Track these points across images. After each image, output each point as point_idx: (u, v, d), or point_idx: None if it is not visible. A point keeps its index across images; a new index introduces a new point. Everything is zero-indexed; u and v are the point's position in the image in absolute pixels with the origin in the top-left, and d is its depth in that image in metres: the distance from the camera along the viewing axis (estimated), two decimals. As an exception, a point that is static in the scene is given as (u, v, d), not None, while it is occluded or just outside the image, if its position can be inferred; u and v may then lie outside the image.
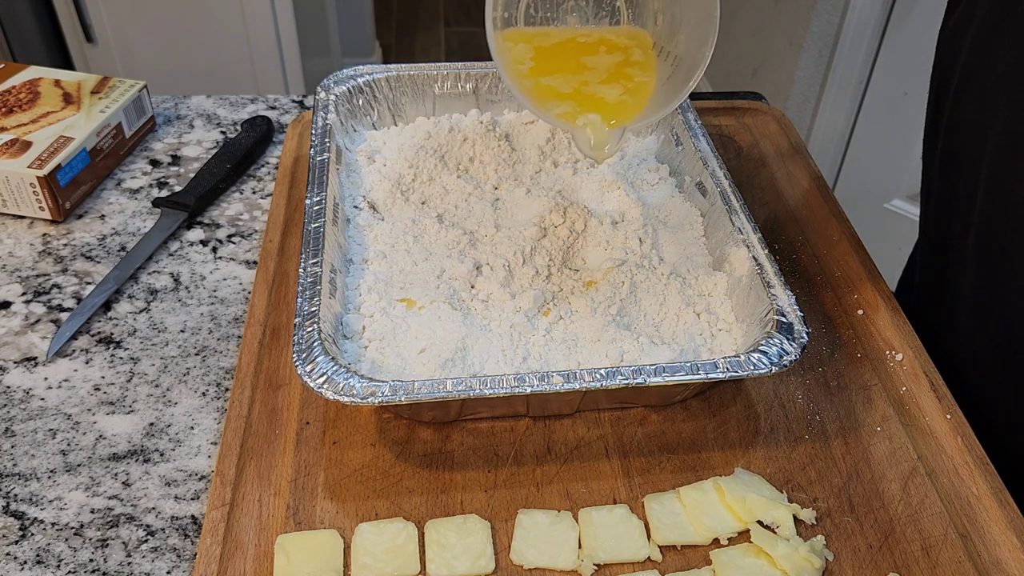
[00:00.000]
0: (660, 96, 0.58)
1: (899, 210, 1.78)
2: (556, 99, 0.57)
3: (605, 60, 0.58)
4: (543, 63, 0.59)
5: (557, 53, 0.60)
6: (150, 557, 0.51)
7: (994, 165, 0.59)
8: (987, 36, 0.60)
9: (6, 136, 0.74)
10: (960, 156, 0.64)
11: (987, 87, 0.60)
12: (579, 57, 0.59)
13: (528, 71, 0.58)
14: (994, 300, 0.62)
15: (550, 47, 0.60)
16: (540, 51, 0.59)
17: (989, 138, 0.59)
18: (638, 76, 0.58)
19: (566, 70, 0.58)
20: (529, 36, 0.60)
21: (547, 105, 0.57)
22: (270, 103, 0.90)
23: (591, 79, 0.57)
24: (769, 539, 0.50)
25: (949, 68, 0.65)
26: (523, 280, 0.61)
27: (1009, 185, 0.57)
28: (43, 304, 0.67)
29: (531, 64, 0.58)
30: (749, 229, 0.61)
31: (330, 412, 0.57)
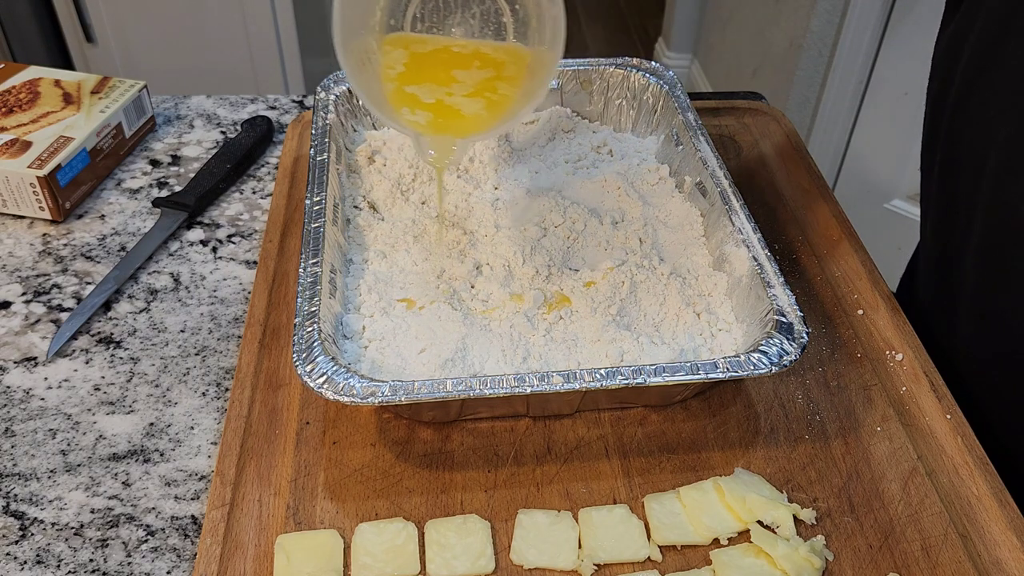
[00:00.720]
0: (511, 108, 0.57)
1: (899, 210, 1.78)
2: (414, 107, 0.56)
3: (475, 75, 0.58)
4: (414, 70, 0.58)
5: (430, 62, 0.59)
6: (150, 557, 0.51)
7: (996, 180, 0.58)
8: (987, 50, 0.59)
9: (6, 136, 0.74)
10: (960, 169, 0.64)
11: (988, 102, 0.59)
12: (451, 69, 0.59)
13: (396, 76, 0.58)
14: (995, 310, 0.61)
15: (425, 54, 0.59)
16: (414, 57, 0.59)
17: (990, 153, 0.59)
18: (503, 89, 0.58)
19: (434, 80, 0.58)
20: (408, 42, 0.59)
21: (402, 111, 0.56)
22: (270, 103, 0.90)
23: (456, 91, 0.57)
24: (769, 539, 0.49)
25: (947, 80, 0.64)
26: (523, 280, 0.61)
27: (1012, 201, 0.57)
28: (43, 304, 0.67)
29: (401, 70, 0.58)
30: (749, 229, 0.61)
31: (330, 412, 0.57)
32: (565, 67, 0.77)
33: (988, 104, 0.59)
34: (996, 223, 0.59)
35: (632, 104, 0.77)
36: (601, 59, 0.78)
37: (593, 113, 0.78)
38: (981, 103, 0.60)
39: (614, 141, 0.76)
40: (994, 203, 0.59)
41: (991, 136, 0.58)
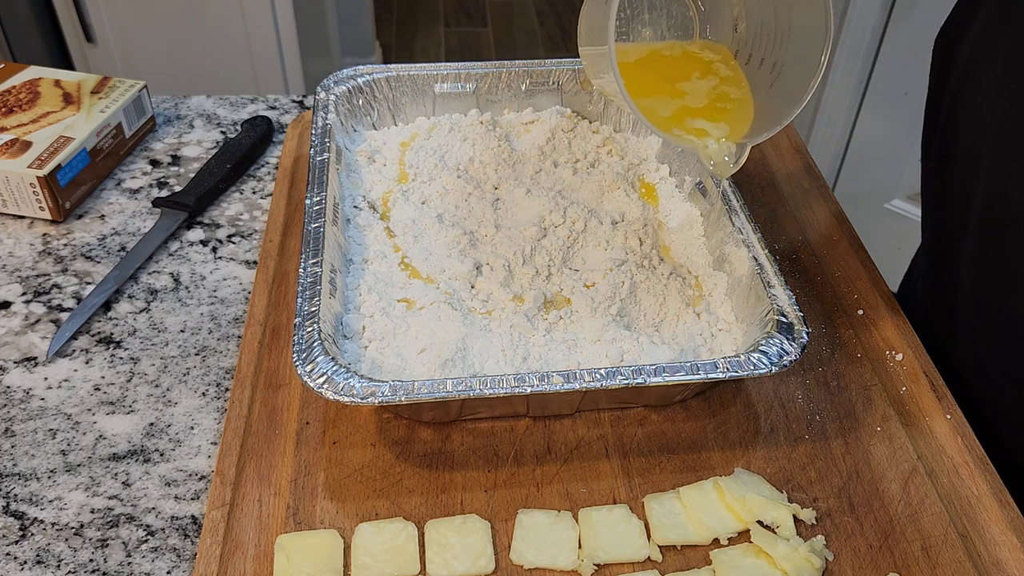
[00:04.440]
0: (770, 106, 0.56)
1: (899, 210, 1.78)
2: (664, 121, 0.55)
3: (700, 85, 0.57)
4: (634, 82, 0.56)
5: (645, 71, 0.58)
6: (150, 557, 0.51)
7: (991, 169, 0.59)
8: (983, 40, 0.59)
9: (6, 136, 0.74)
10: (957, 160, 0.64)
11: (982, 91, 0.60)
12: (672, 81, 0.57)
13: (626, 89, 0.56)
14: (993, 302, 0.62)
15: (634, 64, 0.58)
16: (625, 68, 0.57)
17: (986, 142, 0.59)
18: (734, 93, 0.57)
19: (662, 92, 0.56)
20: None
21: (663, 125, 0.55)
22: (270, 103, 0.90)
23: (691, 103, 0.56)
24: (769, 539, 0.50)
25: (945, 71, 0.65)
26: (523, 280, 0.61)
27: (1007, 189, 0.57)
28: (43, 304, 0.67)
29: (623, 82, 0.56)
30: (749, 229, 0.61)
31: (330, 412, 0.57)
32: (565, 67, 0.77)
33: (983, 93, 0.60)
34: (992, 210, 0.59)
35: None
36: (601, 59, 0.78)
37: (593, 113, 0.78)
38: (976, 92, 0.60)
39: (614, 141, 0.76)
40: (989, 190, 0.59)
41: (986, 124, 0.59)
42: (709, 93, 0.57)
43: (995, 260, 0.60)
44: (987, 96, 0.59)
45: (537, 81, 0.77)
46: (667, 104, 0.56)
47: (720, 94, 0.57)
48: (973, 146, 0.61)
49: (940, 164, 0.67)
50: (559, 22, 3.04)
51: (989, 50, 0.59)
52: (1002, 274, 0.60)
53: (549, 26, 3.01)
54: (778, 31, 0.57)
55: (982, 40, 0.60)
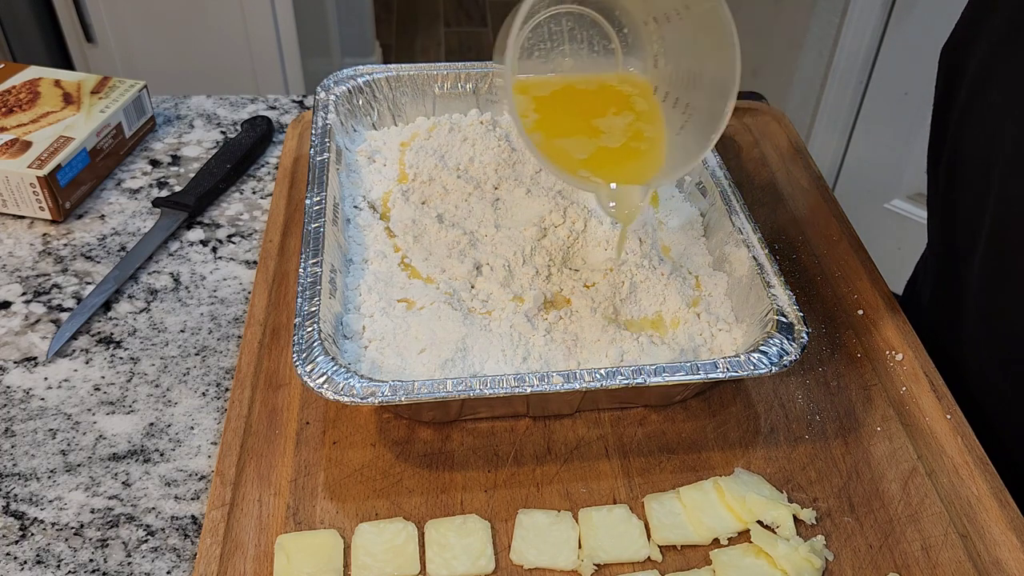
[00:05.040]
0: (678, 148, 0.55)
1: (899, 210, 1.78)
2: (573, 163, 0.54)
3: (616, 122, 0.56)
4: (549, 118, 0.56)
5: (561, 107, 0.57)
6: (150, 557, 0.51)
7: (1004, 183, 0.58)
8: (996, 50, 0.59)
9: (6, 136, 0.74)
10: (967, 172, 0.63)
11: (995, 102, 0.59)
12: (588, 117, 0.57)
13: (534, 124, 0.56)
14: (1002, 314, 0.61)
15: (550, 97, 0.57)
16: (541, 102, 0.57)
17: (998, 153, 0.58)
18: (648, 131, 0.56)
19: (578, 132, 0.56)
20: (526, 86, 0.58)
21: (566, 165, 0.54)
22: (270, 103, 0.90)
23: (605, 142, 0.55)
24: (769, 539, 0.50)
25: (953, 86, 0.64)
26: (523, 280, 0.61)
27: (1018, 207, 0.57)
28: (43, 304, 0.67)
29: (536, 117, 0.56)
30: (749, 229, 0.61)
31: (330, 412, 0.57)
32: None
33: (995, 104, 0.59)
34: (1003, 223, 0.59)
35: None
36: (601, 59, 0.78)
37: (593, 113, 0.78)
38: (988, 103, 0.60)
39: (614, 141, 0.76)
40: (1001, 203, 0.59)
41: (999, 136, 0.58)
42: (625, 130, 0.56)
43: (1005, 277, 0.60)
44: (999, 114, 0.58)
45: (537, 81, 0.77)
46: (581, 143, 0.55)
47: (635, 132, 0.56)
48: (984, 163, 0.60)
49: (949, 178, 0.66)
50: (559, 22, 3.03)
51: (1000, 67, 0.58)
52: (1012, 290, 0.60)
53: (549, 26, 3.01)
54: (692, 74, 0.56)
55: (992, 57, 0.59)
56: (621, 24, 0.58)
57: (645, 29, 0.57)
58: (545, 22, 0.57)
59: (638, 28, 0.57)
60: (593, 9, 0.58)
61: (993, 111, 0.59)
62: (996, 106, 0.59)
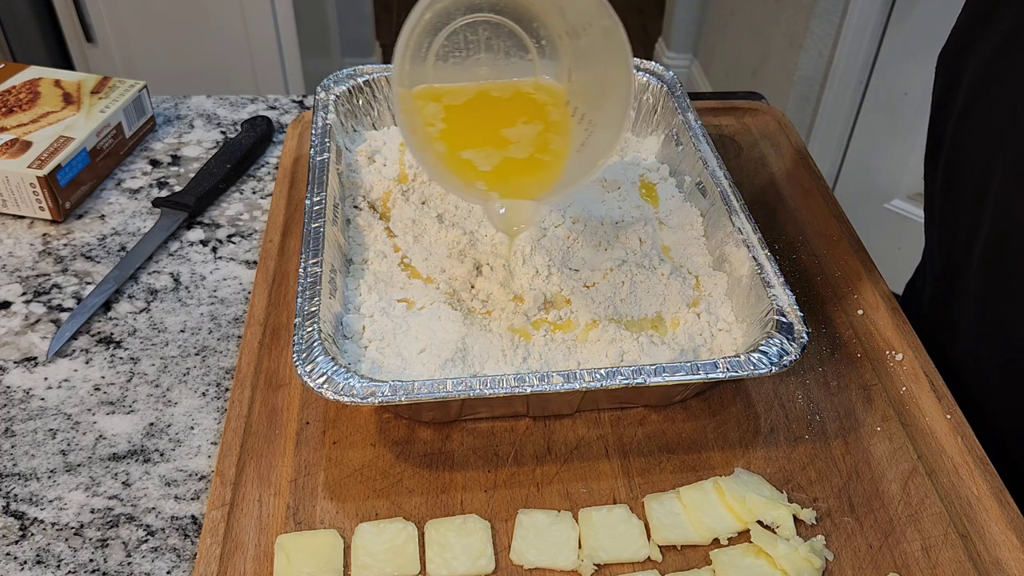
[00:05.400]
0: (575, 166, 0.55)
1: (899, 210, 1.78)
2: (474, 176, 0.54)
3: (525, 131, 0.55)
4: (456, 127, 0.56)
5: (471, 116, 0.57)
6: (150, 557, 0.51)
7: (1001, 194, 0.58)
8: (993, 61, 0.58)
9: (6, 136, 0.74)
10: (964, 183, 0.63)
11: (993, 114, 0.59)
12: (496, 126, 0.56)
13: (439, 133, 0.55)
14: (998, 320, 0.61)
15: (462, 106, 0.57)
16: (451, 111, 0.56)
17: (996, 166, 0.58)
18: (554, 143, 0.55)
19: (484, 142, 0.55)
20: (439, 94, 0.57)
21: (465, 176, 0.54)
22: (270, 103, 0.90)
23: (513, 152, 0.55)
24: (769, 539, 0.50)
25: (951, 90, 0.64)
26: (523, 280, 0.61)
27: (1017, 216, 0.57)
28: (43, 304, 0.67)
29: (442, 126, 0.56)
30: (749, 229, 0.61)
31: (330, 412, 0.57)
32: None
33: (993, 116, 0.59)
34: (1000, 236, 0.59)
35: (632, 104, 0.77)
36: (601, 59, 0.78)
37: (593, 113, 0.78)
38: (986, 115, 0.60)
39: (614, 141, 0.76)
40: (999, 216, 0.59)
41: (997, 148, 0.58)
42: (534, 140, 0.55)
43: (1003, 286, 0.60)
44: (997, 123, 0.58)
45: (537, 81, 0.77)
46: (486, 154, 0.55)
47: (543, 142, 0.56)
48: (982, 172, 0.60)
49: (946, 186, 0.66)
50: (559, 22, 3.03)
51: (998, 77, 0.58)
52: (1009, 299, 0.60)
53: (549, 26, 3.01)
54: (597, 90, 0.55)
55: (989, 66, 0.59)
56: (539, 36, 0.57)
57: (560, 42, 0.57)
58: (461, 30, 0.56)
59: (554, 41, 0.57)
60: (511, 19, 0.57)
61: (991, 124, 0.59)
62: (994, 119, 0.59)
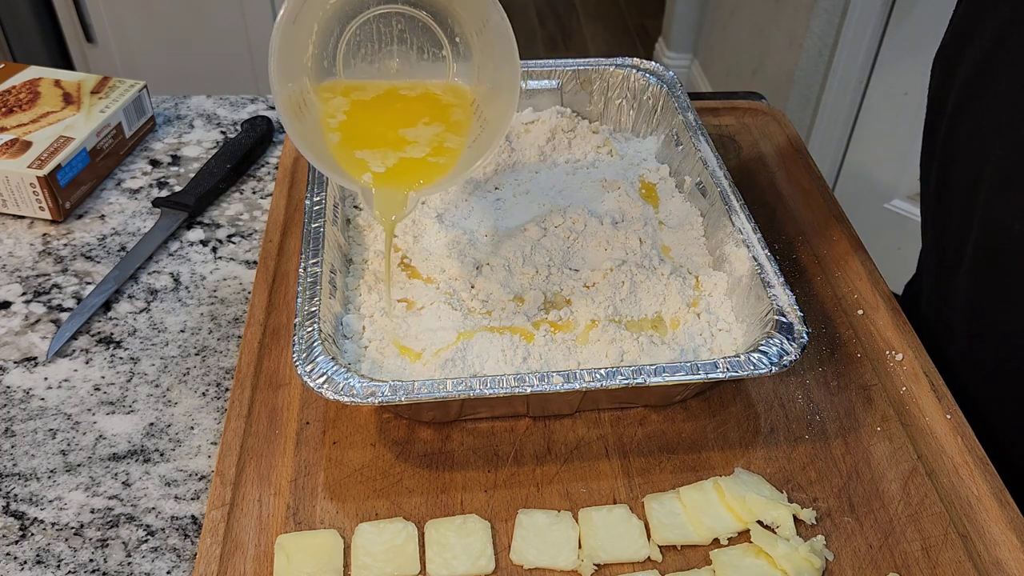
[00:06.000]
0: (464, 157, 0.55)
1: (899, 210, 1.78)
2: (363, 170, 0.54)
3: (424, 132, 0.55)
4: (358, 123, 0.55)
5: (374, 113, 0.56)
6: (150, 557, 0.51)
7: (990, 197, 0.58)
8: (982, 65, 0.59)
9: (6, 136, 0.74)
10: (955, 186, 0.64)
11: (982, 118, 0.59)
12: (396, 124, 0.56)
13: (338, 126, 0.55)
14: (987, 323, 0.62)
15: (368, 101, 0.56)
16: (356, 106, 0.56)
17: (985, 169, 0.59)
18: (451, 142, 0.55)
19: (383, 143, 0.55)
20: (347, 88, 0.56)
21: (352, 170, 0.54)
22: (270, 103, 0.90)
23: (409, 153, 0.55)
24: (769, 539, 0.50)
25: (944, 93, 0.64)
26: (523, 280, 0.61)
27: (1004, 218, 0.57)
28: (43, 304, 0.67)
29: (342, 119, 0.55)
30: (749, 229, 0.61)
31: (330, 412, 0.57)
32: (565, 67, 0.77)
33: (983, 120, 0.59)
34: (989, 238, 0.59)
35: (632, 104, 0.77)
36: (601, 59, 0.78)
37: (593, 113, 0.78)
38: (976, 119, 0.60)
39: (614, 141, 0.76)
40: (988, 219, 0.59)
41: (986, 152, 0.58)
42: (430, 141, 0.55)
43: (991, 288, 0.60)
44: (987, 126, 0.58)
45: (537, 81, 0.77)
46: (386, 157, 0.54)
47: (439, 143, 0.55)
48: (972, 174, 0.60)
49: (938, 188, 0.67)
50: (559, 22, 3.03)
51: (988, 79, 0.58)
52: (998, 302, 0.60)
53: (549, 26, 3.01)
54: (493, 86, 0.55)
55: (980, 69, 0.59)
56: (453, 33, 0.56)
57: (472, 40, 0.56)
58: (374, 20, 0.55)
59: (467, 39, 0.56)
60: (427, 13, 0.56)
61: (982, 128, 0.59)
62: (985, 124, 0.59)
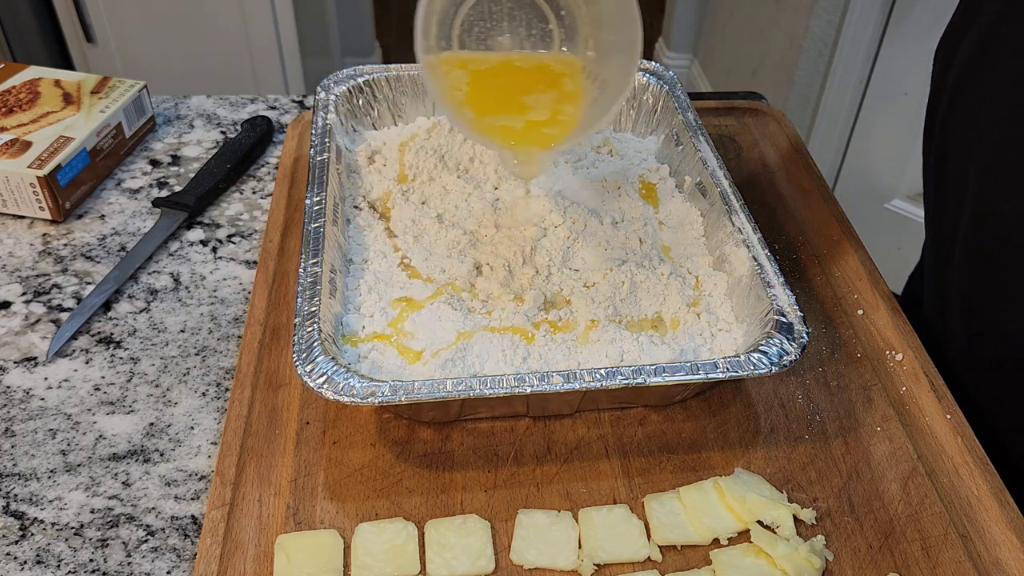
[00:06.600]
0: (585, 119, 0.58)
1: (899, 210, 1.78)
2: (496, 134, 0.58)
3: (542, 98, 0.60)
4: (479, 91, 0.59)
5: (493, 80, 0.60)
6: (150, 557, 0.51)
7: (981, 180, 0.59)
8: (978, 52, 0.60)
9: (6, 136, 0.74)
10: (951, 168, 0.64)
11: (976, 104, 0.60)
12: (517, 92, 0.60)
13: (464, 98, 0.59)
14: (980, 310, 0.62)
15: (485, 72, 0.60)
16: (476, 76, 0.59)
17: (977, 154, 0.59)
18: (568, 110, 0.59)
19: (507, 110, 0.59)
20: (464, 61, 0.60)
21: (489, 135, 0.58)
22: (270, 103, 0.90)
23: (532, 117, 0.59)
24: (769, 539, 0.50)
25: (941, 81, 0.65)
26: (523, 280, 0.61)
27: (994, 199, 0.58)
28: (43, 304, 0.67)
29: (466, 90, 0.59)
30: (749, 229, 0.61)
31: (330, 412, 0.57)
32: (565, 67, 0.77)
33: (977, 106, 0.60)
34: (980, 222, 0.60)
35: (632, 104, 0.77)
36: (601, 59, 0.78)
37: (593, 113, 0.78)
38: (970, 105, 0.61)
39: (614, 141, 0.76)
40: (978, 202, 0.59)
41: (979, 137, 0.59)
42: (547, 106, 0.59)
43: (981, 271, 0.61)
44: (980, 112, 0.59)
45: (537, 81, 0.77)
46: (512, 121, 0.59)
47: (555, 110, 0.59)
48: (965, 156, 0.61)
49: (937, 177, 0.67)
50: (559, 22, 3.03)
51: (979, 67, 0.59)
52: (988, 285, 0.60)
53: (549, 26, 3.00)
54: (607, 49, 0.59)
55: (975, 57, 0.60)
56: (558, 6, 0.60)
57: (579, 11, 0.60)
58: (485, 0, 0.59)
59: (573, 11, 0.60)
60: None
61: (975, 110, 0.60)
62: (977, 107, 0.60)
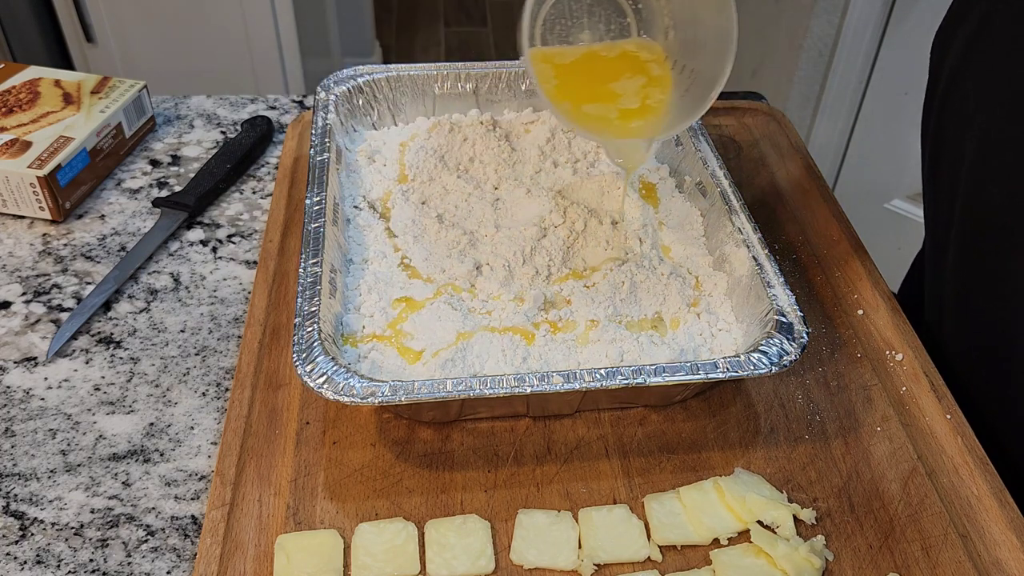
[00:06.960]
0: (680, 108, 0.60)
1: (899, 210, 1.78)
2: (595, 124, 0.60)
3: (630, 85, 0.62)
4: (568, 83, 0.61)
5: (580, 72, 0.62)
6: (150, 557, 0.51)
7: (973, 168, 0.59)
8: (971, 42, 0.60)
9: (6, 136, 0.74)
10: (944, 160, 0.65)
11: (968, 91, 0.60)
12: (606, 84, 0.62)
13: (554, 90, 0.60)
14: (974, 299, 0.62)
15: (570, 65, 0.62)
16: (561, 69, 0.61)
17: (968, 143, 0.60)
18: (656, 95, 0.61)
19: (598, 98, 0.61)
20: (549, 55, 0.62)
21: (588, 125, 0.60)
22: (270, 103, 0.90)
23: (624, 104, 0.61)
24: (769, 539, 0.50)
25: (938, 72, 0.66)
26: (523, 280, 0.61)
27: (986, 188, 0.58)
28: (43, 304, 0.67)
29: (555, 83, 0.61)
30: (749, 229, 0.61)
31: (330, 412, 0.57)
32: (565, 67, 0.77)
33: (968, 93, 0.60)
34: (970, 210, 0.60)
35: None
36: (601, 59, 0.78)
37: (593, 113, 0.78)
38: (963, 93, 0.61)
39: (614, 141, 0.76)
40: (969, 190, 0.60)
41: (970, 123, 0.60)
42: (637, 92, 0.61)
43: (974, 258, 0.61)
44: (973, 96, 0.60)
45: (537, 81, 0.77)
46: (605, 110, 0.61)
47: (645, 95, 0.62)
48: (958, 147, 0.62)
49: (932, 163, 0.68)
50: (559, 22, 3.03)
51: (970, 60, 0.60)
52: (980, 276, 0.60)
53: (549, 26, 3.01)
54: (696, 41, 0.61)
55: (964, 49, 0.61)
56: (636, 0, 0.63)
57: (657, 4, 0.62)
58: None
59: (651, 4, 0.62)
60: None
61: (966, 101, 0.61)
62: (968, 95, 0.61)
